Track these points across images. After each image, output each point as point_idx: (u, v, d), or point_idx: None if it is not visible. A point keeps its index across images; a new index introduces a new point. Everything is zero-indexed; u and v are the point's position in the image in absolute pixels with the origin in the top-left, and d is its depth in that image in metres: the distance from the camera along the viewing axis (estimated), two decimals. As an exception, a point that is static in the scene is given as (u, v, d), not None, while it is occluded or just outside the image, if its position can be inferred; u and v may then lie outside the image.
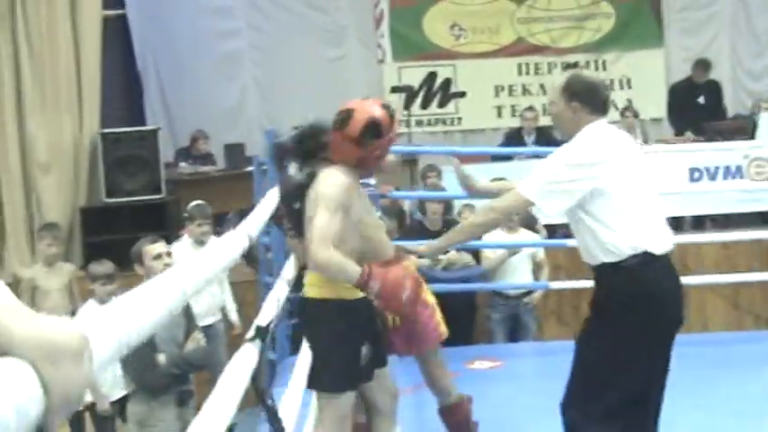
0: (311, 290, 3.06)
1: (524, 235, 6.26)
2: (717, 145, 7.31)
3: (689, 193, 7.04)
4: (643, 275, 2.87)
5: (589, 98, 3.02)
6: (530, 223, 6.49)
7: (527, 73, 10.38)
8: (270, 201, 3.64)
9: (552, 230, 6.93)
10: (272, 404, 2.60)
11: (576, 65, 9.16)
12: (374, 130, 2.95)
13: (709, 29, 10.43)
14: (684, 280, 6.03)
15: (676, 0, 10.39)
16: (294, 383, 3.40)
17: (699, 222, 7.38)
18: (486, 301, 6.35)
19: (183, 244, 5.90)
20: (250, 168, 6.61)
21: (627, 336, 2.90)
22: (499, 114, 10.27)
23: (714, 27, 10.42)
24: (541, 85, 10.22)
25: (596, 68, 10.27)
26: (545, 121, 9.01)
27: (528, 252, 6.26)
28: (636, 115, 8.42)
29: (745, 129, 8.24)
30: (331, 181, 2.92)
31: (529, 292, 6.21)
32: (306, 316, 3.16)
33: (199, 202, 6.08)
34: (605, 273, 2.95)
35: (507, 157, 7.75)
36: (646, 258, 2.87)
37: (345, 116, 2.96)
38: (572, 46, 10.39)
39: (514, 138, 8.14)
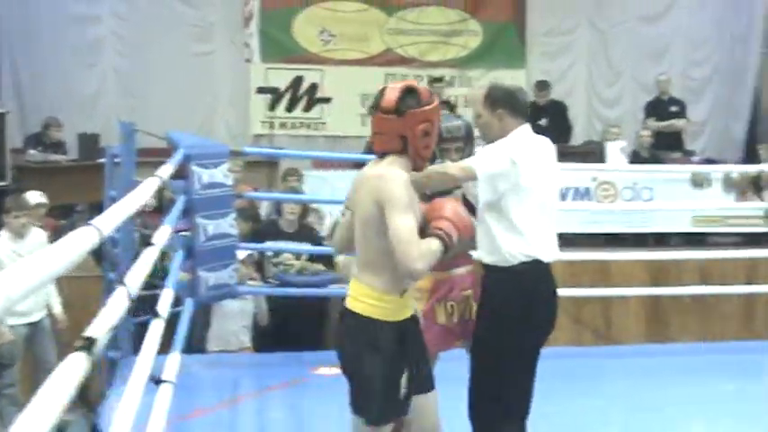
0: (358, 304, 2.72)
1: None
2: (568, 166, 7.59)
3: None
4: (530, 280, 3.01)
5: (511, 104, 3.11)
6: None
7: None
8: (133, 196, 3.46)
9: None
10: (96, 422, 2.46)
11: (441, 79, 9.33)
12: (412, 96, 2.71)
13: (568, 55, 10.85)
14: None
15: (540, 24, 10.76)
16: (133, 383, 3.29)
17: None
18: (338, 308, 6.34)
19: (1, 237, 5.71)
20: (103, 160, 6.38)
21: (512, 336, 3.02)
22: (364, 122, 10.32)
23: (573, 54, 10.86)
24: (407, 97, 10.37)
25: (461, 84, 10.52)
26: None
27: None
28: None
29: (595, 153, 8.63)
30: (396, 181, 2.64)
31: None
32: (351, 333, 2.74)
33: (35, 192, 5.87)
34: (495, 273, 3.05)
35: (368, 165, 7.78)
36: (534, 265, 3.01)
37: (378, 96, 2.76)
38: (439, 60, 10.58)
39: (376, 147, 8.17)
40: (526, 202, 2.99)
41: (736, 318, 6.89)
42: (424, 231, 2.70)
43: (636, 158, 8.23)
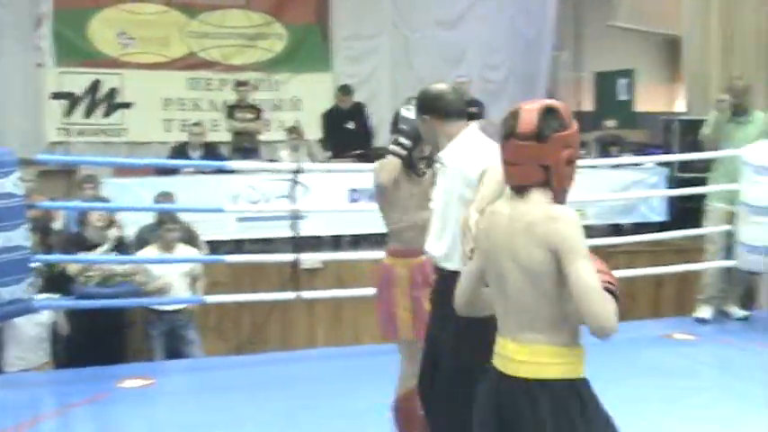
0: (559, 368, 2.27)
1: (182, 251, 6.17)
2: (372, 166, 7.71)
3: (348, 213, 7.36)
4: None
5: (443, 106, 3.12)
6: (191, 240, 6.42)
7: (197, 88, 10.30)
8: None
9: (214, 247, 6.92)
10: None
11: (246, 83, 9.25)
12: (553, 117, 2.29)
13: (372, 59, 11.06)
14: (341, 293, 6.34)
15: (343, 28, 10.91)
16: None
17: (356, 240, 7.74)
18: (143, 318, 6.16)
19: None
20: None
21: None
22: (167, 128, 10.07)
23: (377, 58, 11.08)
24: (211, 101, 10.21)
25: (268, 88, 10.48)
26: (213, 136, 9.01)
27: (185, 268, 6.17)
28: (301, 136, 8.66)
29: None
30: (570, 221, 2.24)
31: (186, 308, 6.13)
32: (552, 402, 2.25)
33: None
34: (453, 279, 2.92)
35: (173, 171, 7.61)
36: None
37: (510, 118, 2.34)
38: (244, 64, 10.49)
39: (181, 152, 8.01)
40: None
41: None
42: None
43: (438, 159, 8.49)
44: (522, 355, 2.27)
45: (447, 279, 3.02)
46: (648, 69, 13.22)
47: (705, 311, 6.50)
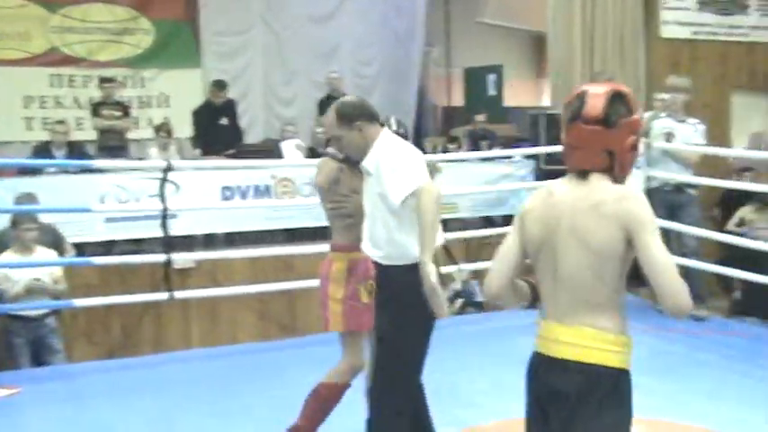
0: (603, 354, 2.24)
1: (41, 254, 5.87)
2: (247, 163, 7.63)
3: (221, 211, 7.24)
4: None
5: (363, 113, 3.32)
6: (56, 242, 6.16)
7: (60, 85, 9.92)
8: None
9: (82, 249, 6.67)
10: None
11: (112, 80, 8.96)
12: (621, 103, 2.27)
13: (243, 55, 10.92)
14: (215, 292, 6.24)
15: (214, 24, 10.72)
16: None
17: (230, 239, 7.62)
18: (6, 326, 5.87)
19: None
20: None
21: (421, 322, 3.25)
22: (28, 126, 9.66)
23: (249, 54, 10.94)
24: (75, 98, 9.85)
25: (135, 85, 10.19)
26: (79, 135, 8.70)
27: (44, 271, 5.87)
28: (170, 133, 8.46)
29: (273, 150, 8.76)
30: (642, 200, 2.22)
31: (52, 313, 5.86)
32: (589, 387, 2.24)
33: None
34: (400, 273, 3.23)
35: (35, 171, 7.30)
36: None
37: (577, 102, 2.30)
38: (109, 60, 10.16)
39: (43, 151, 7.68)
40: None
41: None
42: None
43: (313, 155, 8.45)
44: (569, 337, 2.24)
45: (383, 271, 3.30)
46: (516, 65, 13.61)
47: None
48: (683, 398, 4.66)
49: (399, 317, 3.25)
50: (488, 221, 8.67)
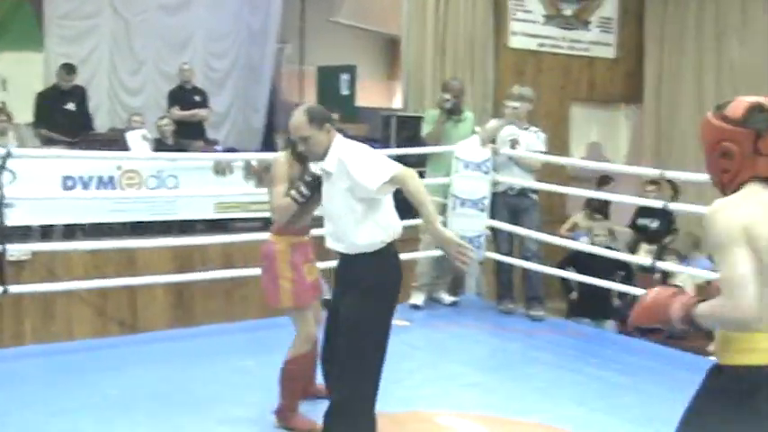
0: (728, 355, 2.29)
1: None
2: (92, 154, 7.33)
3: (62, 201, 6.93)
4: (390, 259, 3.57)
5: (330, 118, 3.65)
6: None
7: None
8: None
9: None
10: None
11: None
12: (761, 113, 2.32)
13: (90, 40, 10.49)
14: (52, 287, 5.98)
15: (58, 6, 10.24)
16: None
17: (69, 231, 7.31)
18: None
19: None
20: None
21: (386, 305, 3.54)
22: None
23: (95, 39, 10.53)
24: None
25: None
26: None
27: None
28: (9, 118, 8.03)
29: (119, 141, 8.47)
30: None
31: None
32: (722, 388, 2.29)
33: None
34: (364, 260, 3.50)
35: None
36: (389, 246, 3.54)
37: (725, 103, 2.39)
38: None
39: None
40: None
41: (257, 298, 7.24)
42: None
43: (160, 146, 8.24)
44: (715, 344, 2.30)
45: (349, 261, 3.55)
46: (369, 66, 13.73)
47: (418, 298, 6.86)
48: (519, 394, 4.84)
49: (368, 303, 3.49)
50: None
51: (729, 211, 2.23)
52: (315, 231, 4.25)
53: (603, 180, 8.95)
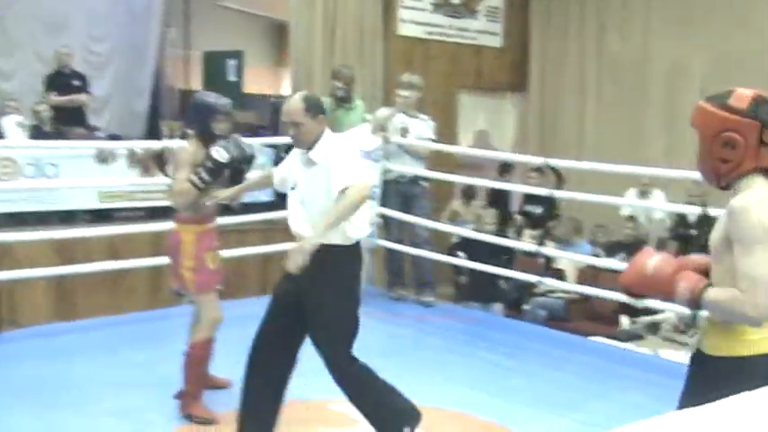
0: (726, 345, 2.37)
1: None
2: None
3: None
4: (359, 253, 3.73)
5: (323, 110, 3.70)
6: None
7: None
8: None
9: None
10: None
11: None
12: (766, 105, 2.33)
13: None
14: None
15: None
16: None
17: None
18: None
19: None
20: None
21: (357, 297, 3.71)
22: None
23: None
24: None
25: None
26: None
27: None
28: None
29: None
30: None
31: None
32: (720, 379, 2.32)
33: None
34: (335, 252, 3.57)
35: None
36: (357, 243, 3.69)
37: (725, 94, 2.38)
38: None
39: None
40: None
41: (143, 290, 7.07)
42: None
43: (37, 133, 7.91)
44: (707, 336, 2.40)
45: (324, 251, 3.52)
46: (256, 52, 13.55)
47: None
48: (412, 380, 4.85)
49: (341, 293, 3.64)
50: (227, 209, 8.56)
51: (765, 207, 2.26)
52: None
53: (504, 168, 9.12)
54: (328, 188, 3.54)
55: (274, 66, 14.46)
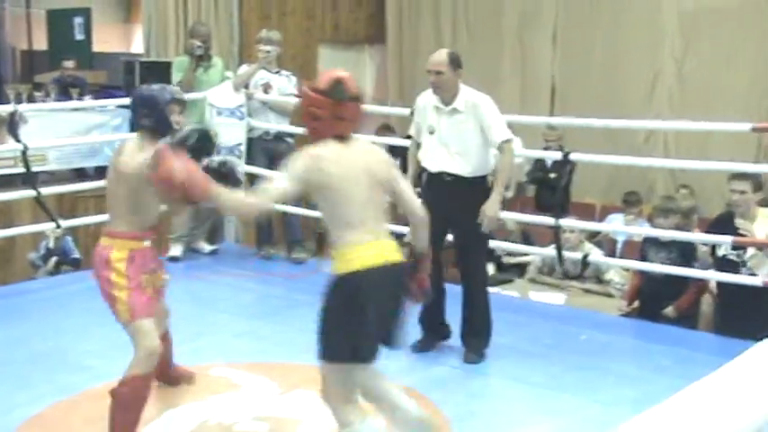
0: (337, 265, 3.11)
1: None
2: None
3: None
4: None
5: (461, 66, 4.43)
6: None
7: None
8: None
9: None
10: None
11: None
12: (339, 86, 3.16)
13: None
14: None
15: None
16: None
17: None
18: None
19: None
20: None
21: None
22: None
23: None
24: None
25: None
26: None
27: None
28: None
29: None
30: None
31: None
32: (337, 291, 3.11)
33: None
34: (478, 182, 4.42)
35: None
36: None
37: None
38: None
39: None
40: None
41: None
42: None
43: None
44: None
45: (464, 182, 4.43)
46: (104, 9, 13.00)
47: (176, 250, 6.69)
48: (288, 339, 4.88)
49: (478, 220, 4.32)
50: (81, 173, 8.27)
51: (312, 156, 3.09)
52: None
53: (385, 127, 9.10)
54: (477, 134, 4.35)
55: (123, 23, 13.93)
